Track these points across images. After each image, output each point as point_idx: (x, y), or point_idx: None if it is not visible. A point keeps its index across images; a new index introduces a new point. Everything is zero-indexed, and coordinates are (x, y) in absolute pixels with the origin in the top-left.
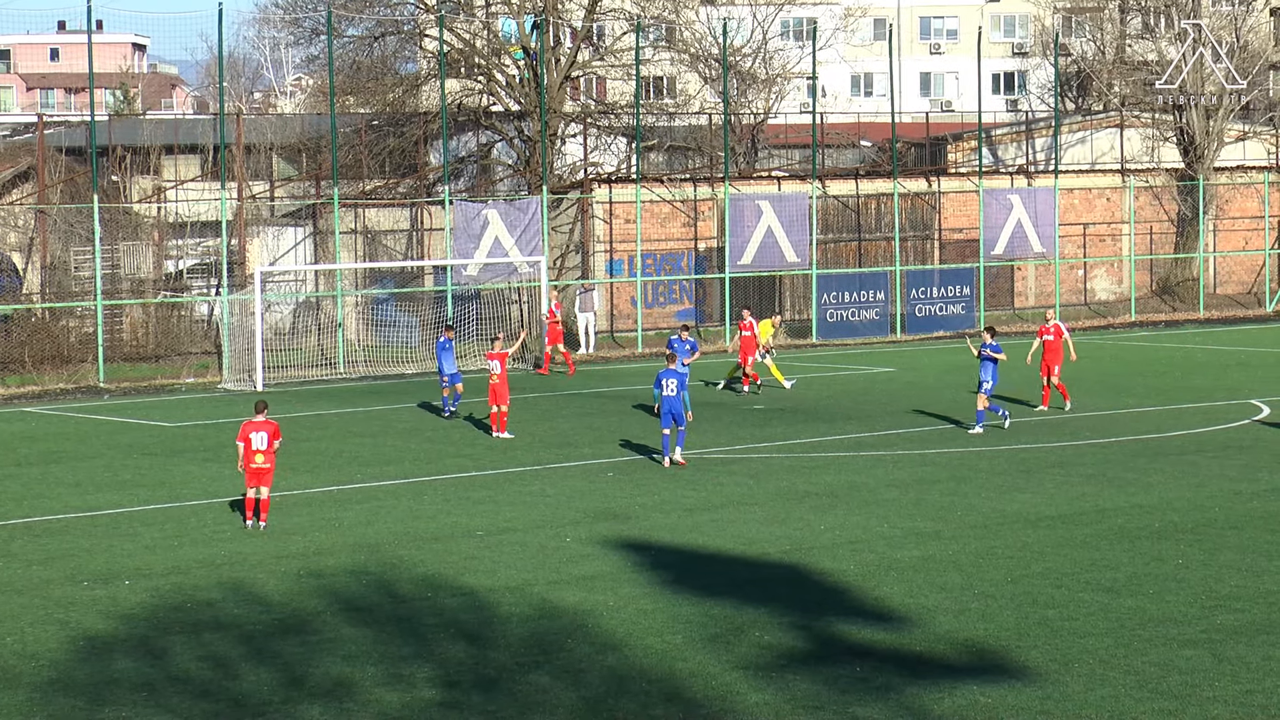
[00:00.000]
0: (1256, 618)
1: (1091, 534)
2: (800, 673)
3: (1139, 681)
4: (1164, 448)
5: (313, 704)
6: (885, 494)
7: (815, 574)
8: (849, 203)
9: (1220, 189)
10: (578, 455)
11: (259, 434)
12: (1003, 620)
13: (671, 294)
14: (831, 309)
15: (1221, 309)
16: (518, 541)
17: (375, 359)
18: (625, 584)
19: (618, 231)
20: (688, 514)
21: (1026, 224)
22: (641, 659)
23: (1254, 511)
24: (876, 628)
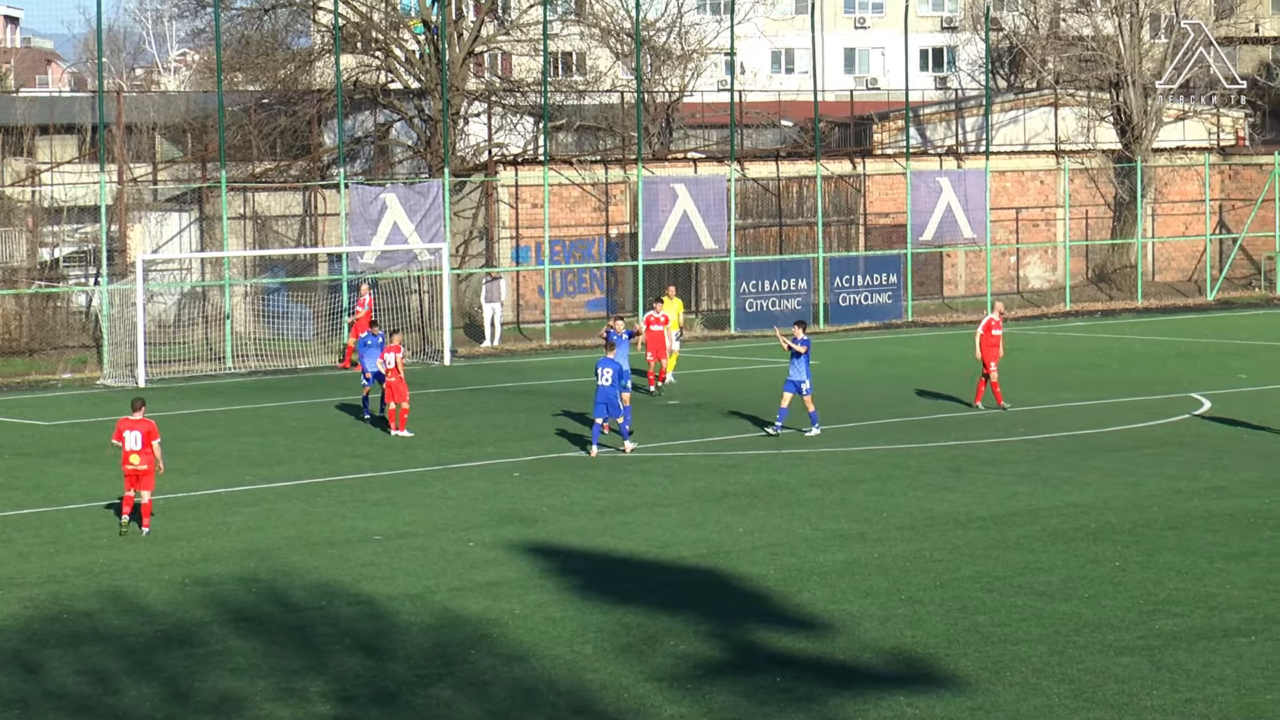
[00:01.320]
0: (1197, 623)
1: (1024, 535)
2: (718, 683)
3: (1074, 690)
4: (1100, 444)
5: None
6: (807, 494)
7: (733, 579)
8: (769, 186)
9: (1159, 171)
10: (482, 454)
11: (133, 433)
12: (931, 627)
13: (582, 283)
14: (751, 298)
15: (1160, 297)
16: (418, 546)
17: (266, 352)
18: (532, 591)
19: (524, 217)
20: (599, 516)
21: (956, 208)
22: (549, 670)
23: (1194, 511)
24: (798, 635)
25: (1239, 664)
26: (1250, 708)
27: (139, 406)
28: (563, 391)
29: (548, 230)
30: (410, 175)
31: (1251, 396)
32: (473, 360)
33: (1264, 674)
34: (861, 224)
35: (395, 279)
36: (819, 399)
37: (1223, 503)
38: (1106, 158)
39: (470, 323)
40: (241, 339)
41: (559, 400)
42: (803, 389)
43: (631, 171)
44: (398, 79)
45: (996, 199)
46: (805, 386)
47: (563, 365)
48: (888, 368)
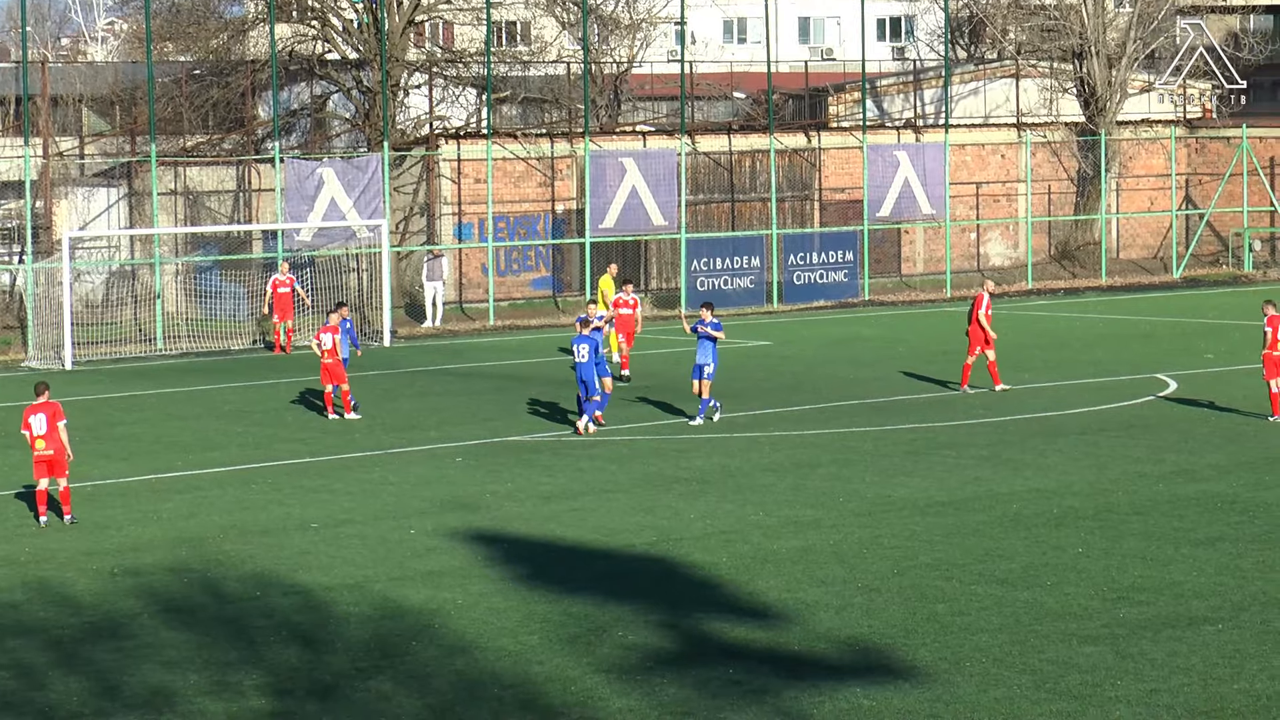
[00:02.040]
0: (1162, 611)
1: (984, 521)
2: (668, 675)
3: (1036, 681)
4: (1063, 427)
5: (129, 715)
6: (761, 479)
7: (684, 567)
8: (721, 160)
9: (1123, 145)
10: (423, 439)
11: (38, 417)
12: (888, 616)
13: (527, 261)
14: (702, 277)
15: (1125, 275)
16: (357, 534)
17: (198, 333)
18: (475, 580)
19: (467, 192)
20: (544, 502)
21: (914, 183)
22: (494, 662)
23: (1159, 495)
24: (751, 626)
25: (1205, 653)
26: (1217, 698)
27: (43, 390)
28: (507, 374)
29: (491, 206)
30: (348, 149)
31: (1218, 377)
32: (414, 341)
33: (1230, 663)
34: (817, 200)
35: (333, 257)
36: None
37: (1189, 487)
38: (1069, 131)
39: (411, 302)
40: (172, 319)
41: (503, 383)
42: (705, 372)
43: (578, 145)
44: (335, 49)
45: (956, 173)
46: (708, 370)
47: (507, 346)
48: (843, 348)
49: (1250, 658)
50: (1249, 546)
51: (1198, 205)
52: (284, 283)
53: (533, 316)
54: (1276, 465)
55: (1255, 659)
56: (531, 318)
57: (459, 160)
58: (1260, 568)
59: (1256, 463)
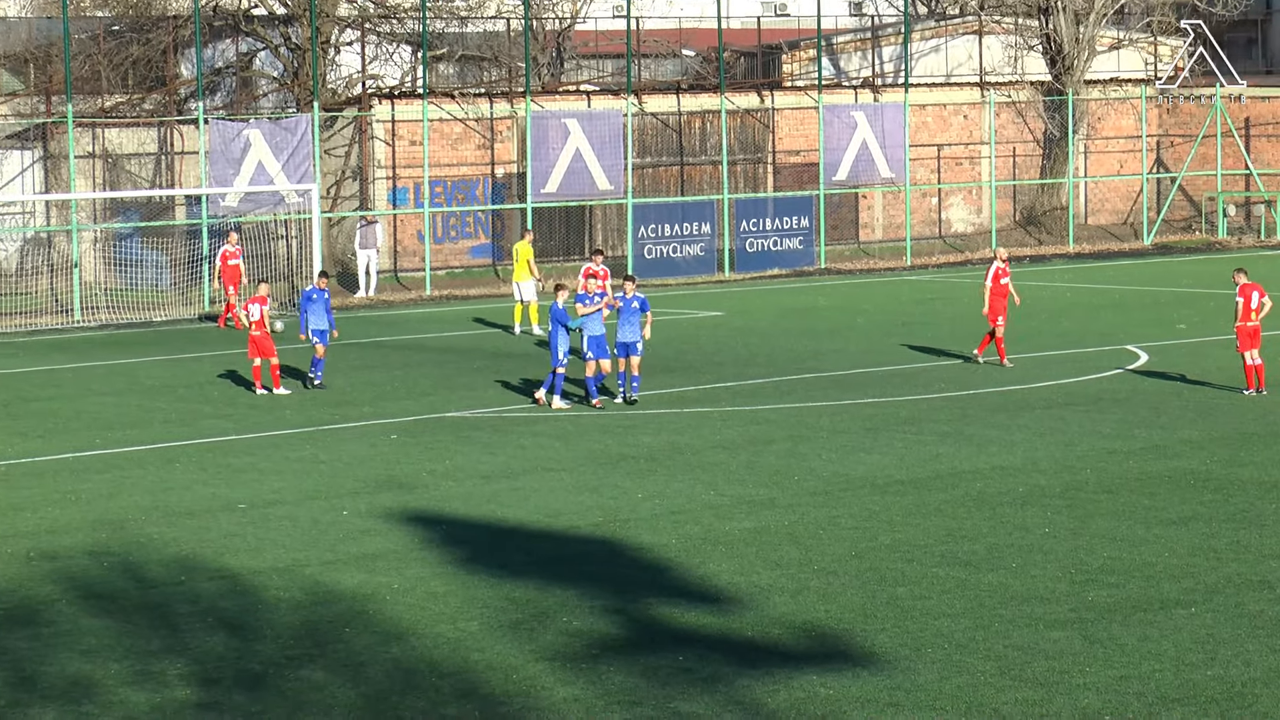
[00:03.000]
0: (1132, 594)
1: (947, 500)
2: (615, 663)
3: (1000, 668)
4: (1028, 401)
5: (46, 707)
6: (712, 456)
7: (632, 549)
8: (669, 121)
9: (1092, 105)
10: (356, 415)
11: None
12: (846, 600)
13: (465, 227)
14: (650, 244)
15: (1094, 242)
16: (286, 516)
17: (118, 304)
18: (412, 564)
19: (402, 155)
20: (484, 482)
21: (873, 145)
22: (431, 650)
23: (1129, 473)
24: (702, 610)
25: (1177, 638)
26: (1189, 685)
27: None
28: (445, 346)
29: (427, 170)
30: (276, 110)
31: (1191, 349)
32: (346, 312)
33: (1204, 648)
34: (770, 163)
35: (260, 223)
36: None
37: (1160, 464)
38: (1035, 90)
39: (343, 271)
40: (91, 289)
41: (441, 356)
42: (639, 349)
43: (519, 105)
44: (262, 4)
45: (916, 135)
46: (640, 347)
47: (444, 317)
48: (799, 319)
49: (1224, 642)
50: (1223, 526)
51: (1169, 168)
52: (234, 254)
53: (471, 286)
54: (1252, 441)
55: (1229, 644)
56: (470, 287)
57: (393, 121)
58: (1235, 548)
59: (1231, 438)
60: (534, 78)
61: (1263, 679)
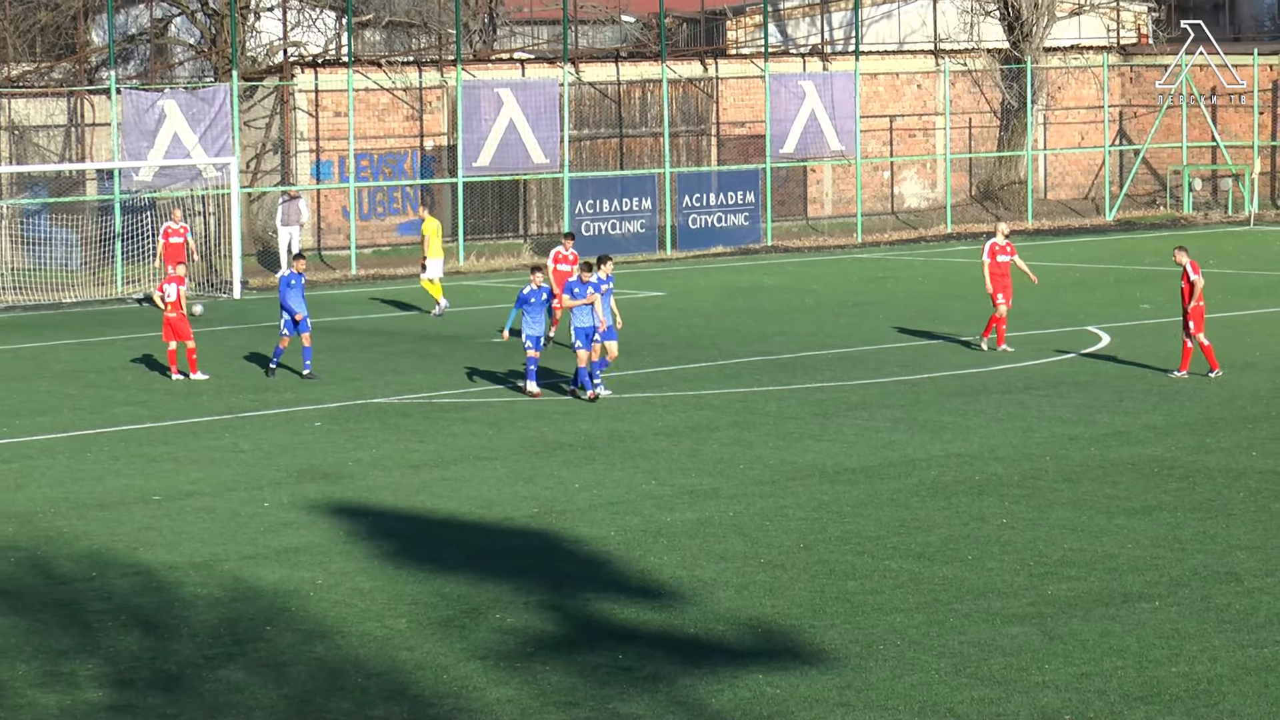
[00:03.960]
0: (1093, 587)
1: (900, 490)
2: (551, 662)
3: (955, 665)
4: (985, 385)
5: None
6: (653, 444)
7: (569, 542)
8: (608, 91)
9: (1051, 74)
10: (278, 401)
11: None
12: (794, 594)
13: (393, 203)
14: (587, 220)
15: (1053, 218)
16: (204, 507)
17: (25, 285)
18: (337, 558)
19: (326, 127)
20: (414, 471)
21: (822, 116)
22: (357, 648)
23: (1091, 461)
24: (643, 606)
25: (1140, 633)
26: (1153, 682)
27: None
28: (371, 328)
29: (353, 143)
30: (193, 79)
31: (1156, 330)
32: (267, 293)
33: (1168, 644)
34: (714, 135)
35: (176, 199)
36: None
37: (1123, 451)
38: (992, 58)
39: (264, 249)
40: None
41: (367, 338)
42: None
43: (450, 74)
44: None
45: (867, 106)
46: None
47: (372, 298)
48: (744, 299)
49: (1189, 637)
50: (1188, 516)
51: (1133, 140)
52: (177, 231)
53: (399, 265)
54: (1218, 426)
55: (1195, 639)
56: (398, 266)
57: (316, 91)
58: (1200, 539)
59: (1196, 424)
60: (465, 45)
61: (1230, 676)
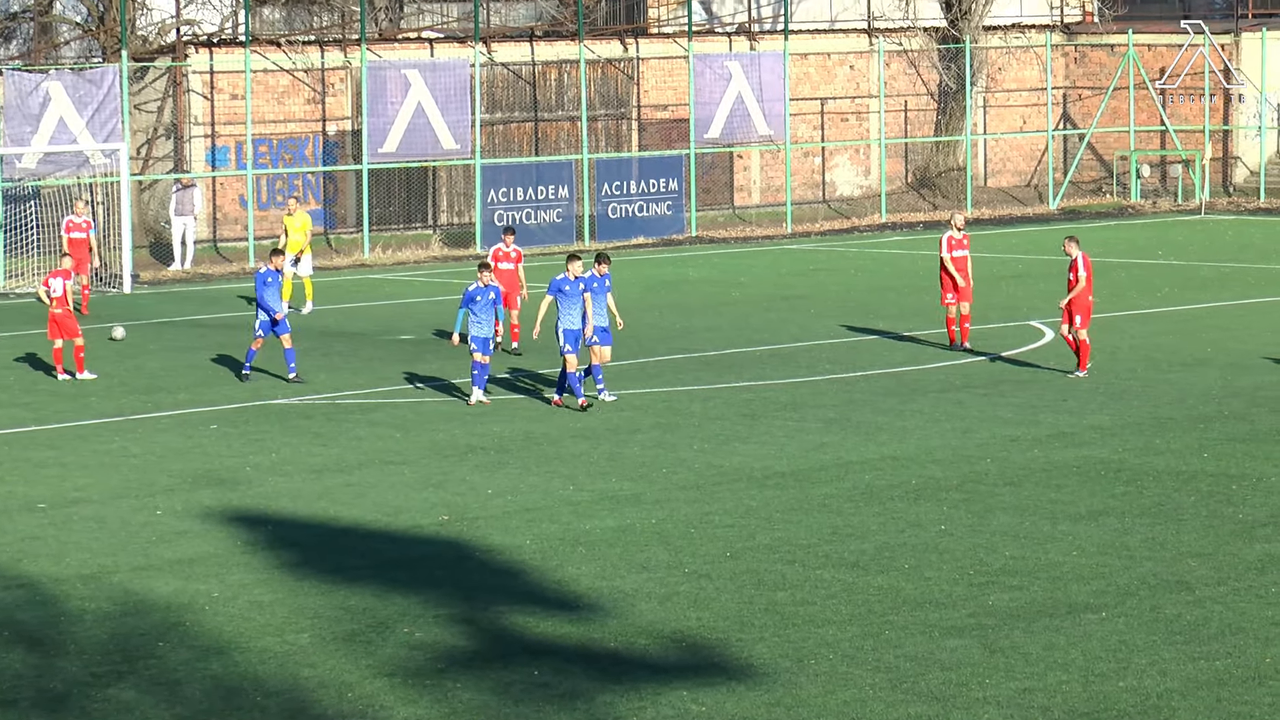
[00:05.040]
0: (1037, 597)
1: (832, 495)
2: (462, 678)
3: (891, 680)
4: (923, 383)
5: None
6: (571, 447)
7: (481, 552)
8: (522, 73)
9: (991, 54)
10: (171, 403)
11: None
12: (720, 606)
13: (293, 191)
14: (500, 209)
15: (994, 206)
16: (93, 516)
17: None
18: (234, 569)
19: (222, 111)
20: (316, 477)
21: (749, 99)
22: (256, 665)
23: (1034, 463)
24: (560, 619)
25: (1086, 645)
26: (1100, 697)
27: None
28: None
29: (251, 128)
30: (80, 60)
31: (1103, 325)
32: (159, 287)
33: (1115, 657)
34: (635, 119)
35: (61, 187)
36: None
37: (1067, 453)
38: (929, 37)
39: (156, 241)
40: None
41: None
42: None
43: (354, 55)
44: None
45: (797, 88)
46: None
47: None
48: (667, 293)
49: (1138, 650)
50: (1137, 521)
51: (1077, 124)
52: (80, 225)
53: None
54: (1167, 427)
55: (1144, 651)
56: None
57: (212, 72)
58: (1149, 546)
59: (1144, 424)
60: (370, 23)
61: (1180, 690)
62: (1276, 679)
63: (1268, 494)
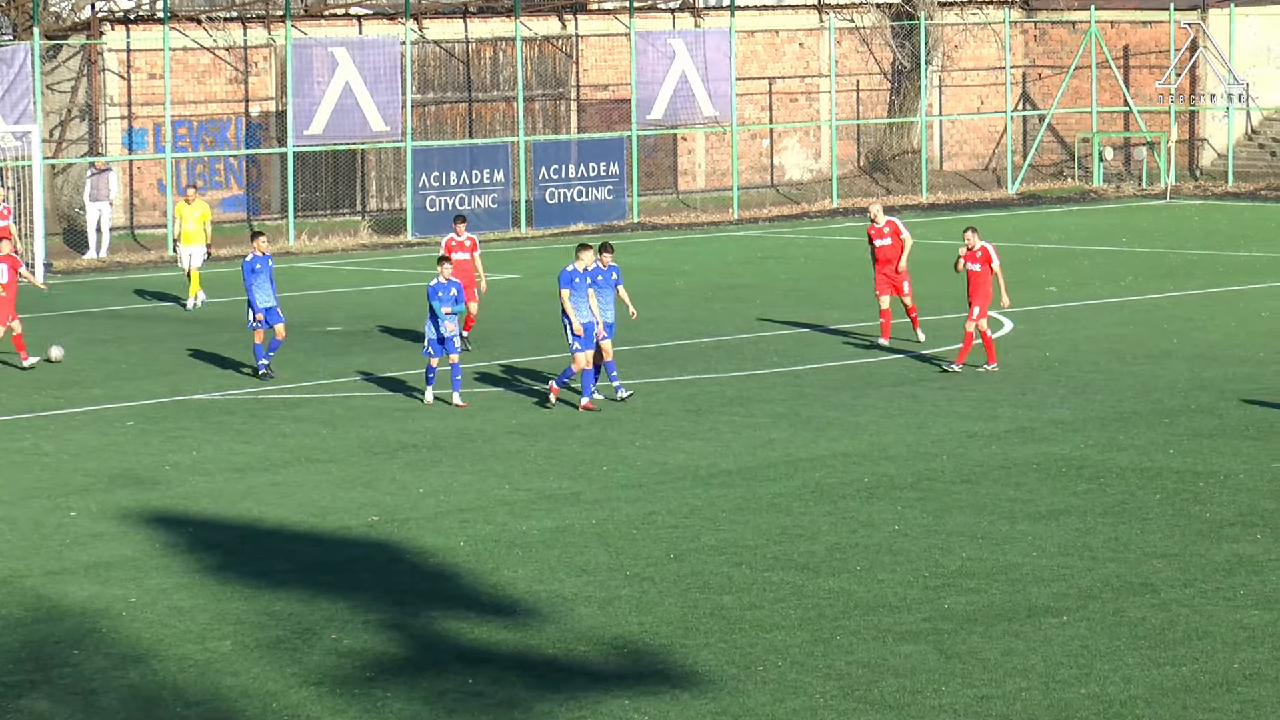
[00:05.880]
0: (995, 600)
1: (781, 493)
2: (393, 687)
3: (843, 688)
4: (875, 377)
5: None
6: (507, 444)
7: (413, 554)
8: (455, 50)
9: (947, 31)
10: (86, 399)
11: None
12: (664, 610)
13: (215, 175)
14: (433, 194)
15: (950, 191)
16: (3, 517)
17: None
18: (153, 573)
19: (139, 91)
20: (239, 476)
21: (694, 78)
22: (176, 674)
23: (992, 460)
24: (495, 625)
25: (1047, 650)
26: (1061, 705)
27: None
28: (190, 316)
29: (169, 109)
30: None
31: (1063, 315)
32: (73, 276)
33: (1077, 662)
34: (574, 99)
35: None
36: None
37: (1027, 449)
38: (882, 14)
39: (70, 228)
40: None
41: (186, 327)
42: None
43: (278, 32)
44: None
45: (744, 67)
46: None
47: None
48: None
49: (1100, 655)
50: (1099, 521)
51: (1037, 105)
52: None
53: (223, 245)
54: (1131, 422)
55: (1106, 657)
56: (221, 246)
57: (129, 51)
58: (1112, 546)
59: (1108, 418)
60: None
61: (1144, 697)
62: (1245, 685)
63: (1236, 492)
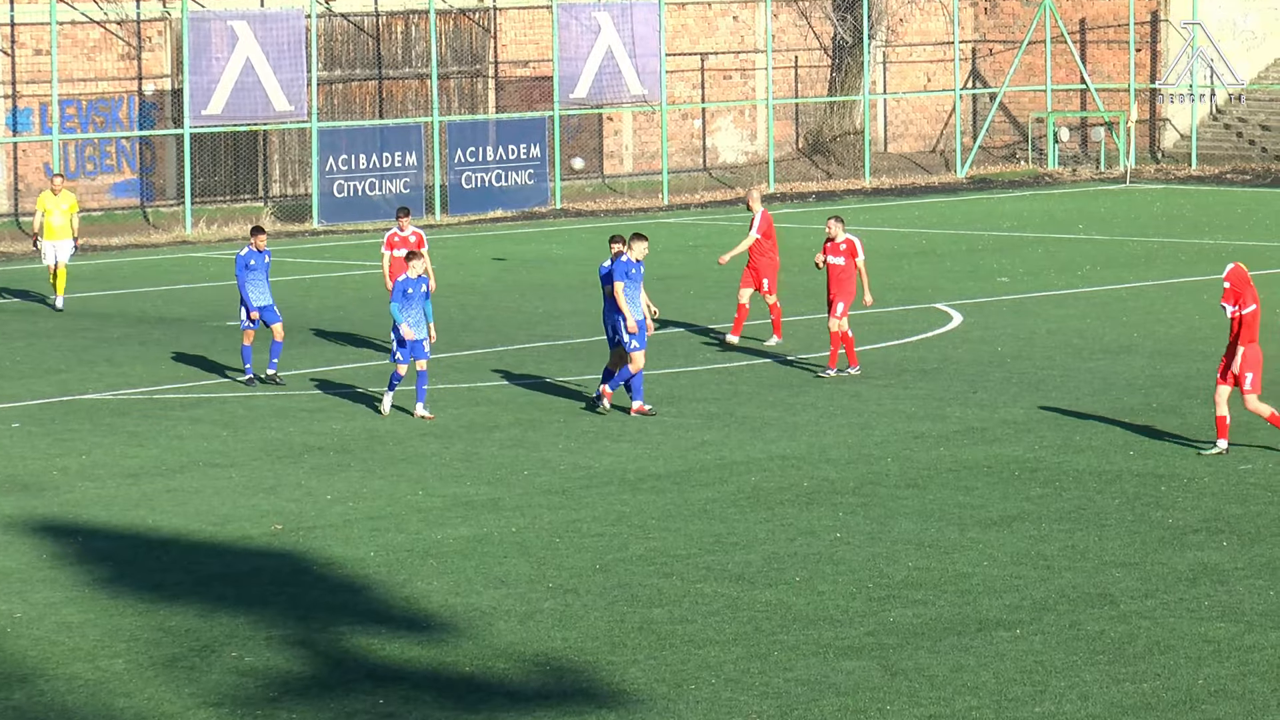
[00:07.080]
0: (943, 613)
1: (714, 499)
2: (298, 708)
3: (781, 707)
4: (814, 375)
5: None
6: (420, 447)
7: (319, 565)
8: (364, 24)
9: (892, 3)
10: None
11: None
12: (589, 625)
13: (106, 159)
14: (340, 179)
15: (895, 174)
16: None
17: None
18: (39, 586)
19: (24, 68)
20: (132, 481)
21: (620, 54)
22: (65, 694)
23: (940, 462)
24: (408, 640)
25: (999, 666)
26: None
27: None
28: (80, 310)
29: (56, 87)
30: None
31: (1016, 307)
32: None
33: (1031, 679)
34: (492, 77)
35: None
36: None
37: (977, 451)
38: None
39: None
40: None
41: (74, 321)
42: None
43: (173, 4)
44: None
45: (674, 42)
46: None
47: (80, 274)
48: (529, 273)
49: (1055, 671)
50: (1054, 527)
51: (988, 82)
52: None
53: (114, 233)
54: (1089, 421)
55: (1062, 673)
56: (113, 235)
57: (12, 25)
58: (1068, 554)
59: (1063, 418)
60: None
61: (1103, 715)
62: (1209, 703)
63: (1199, 496)
